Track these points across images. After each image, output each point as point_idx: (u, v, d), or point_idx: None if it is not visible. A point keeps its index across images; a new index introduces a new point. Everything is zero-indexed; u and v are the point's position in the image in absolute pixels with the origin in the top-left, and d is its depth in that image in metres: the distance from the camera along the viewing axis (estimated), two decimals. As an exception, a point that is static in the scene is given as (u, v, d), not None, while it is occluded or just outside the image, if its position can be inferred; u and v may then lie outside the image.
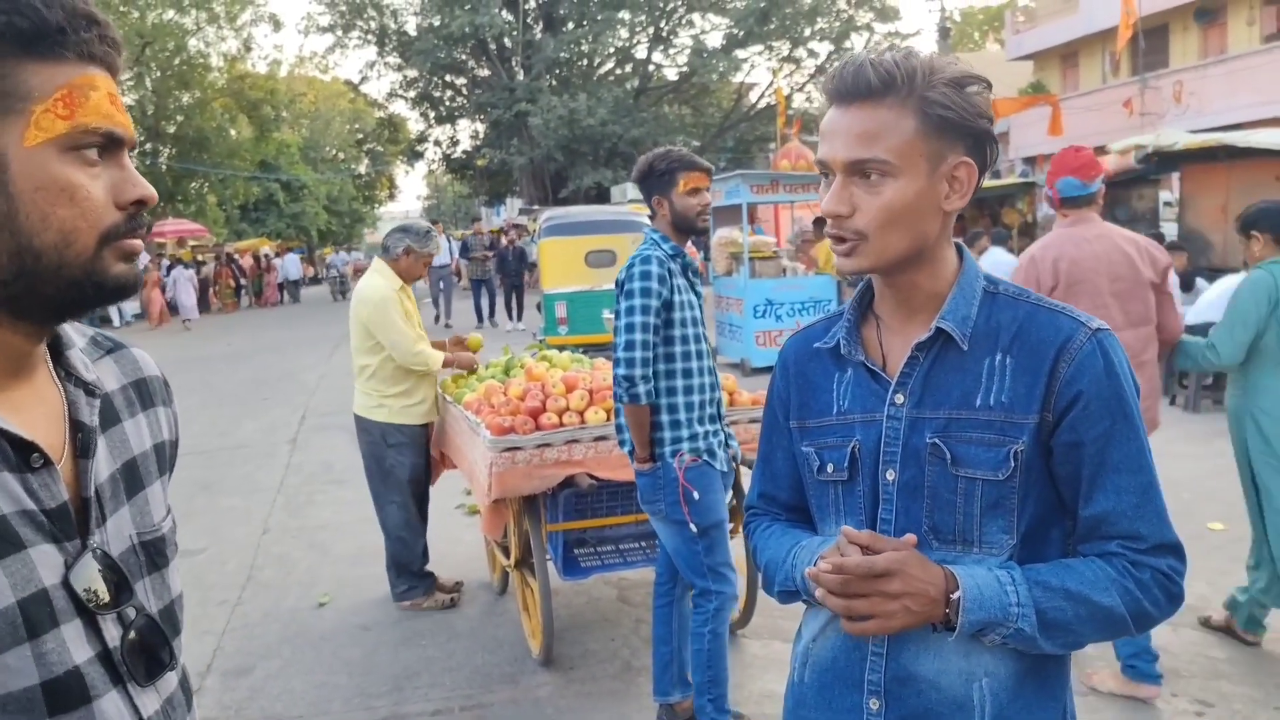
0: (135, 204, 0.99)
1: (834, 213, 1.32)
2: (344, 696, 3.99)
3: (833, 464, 1.42)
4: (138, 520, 1.06)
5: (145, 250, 13.00)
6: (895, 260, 1.33)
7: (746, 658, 4.18)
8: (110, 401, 1.09)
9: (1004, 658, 1.32)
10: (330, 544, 5.99)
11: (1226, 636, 4.10)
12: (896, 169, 1.28)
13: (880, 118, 1.28)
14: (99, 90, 0.96)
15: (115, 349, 1.15)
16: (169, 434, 1.19)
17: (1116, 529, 1.30)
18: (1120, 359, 1.31)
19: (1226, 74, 21.41)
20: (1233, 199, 13.07)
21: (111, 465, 1.05)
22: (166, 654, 1.05)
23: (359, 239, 57.04)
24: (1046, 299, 1.37)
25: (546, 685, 3.99)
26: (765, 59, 31.45)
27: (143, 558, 1.05)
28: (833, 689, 1.42)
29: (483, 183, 37.00)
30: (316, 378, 13.28)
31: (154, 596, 1.06)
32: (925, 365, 1.36)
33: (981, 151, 1.33)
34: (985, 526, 1.32)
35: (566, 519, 4.15)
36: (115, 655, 0.98)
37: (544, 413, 3.92)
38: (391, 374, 4.72)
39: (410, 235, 4.80)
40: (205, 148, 32.81)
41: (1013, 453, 1.30)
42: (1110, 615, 1.27)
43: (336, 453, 8.48)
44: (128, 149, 1.01)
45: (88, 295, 0.98)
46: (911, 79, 1.27)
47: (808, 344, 1.51)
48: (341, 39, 33.28)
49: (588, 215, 12.17)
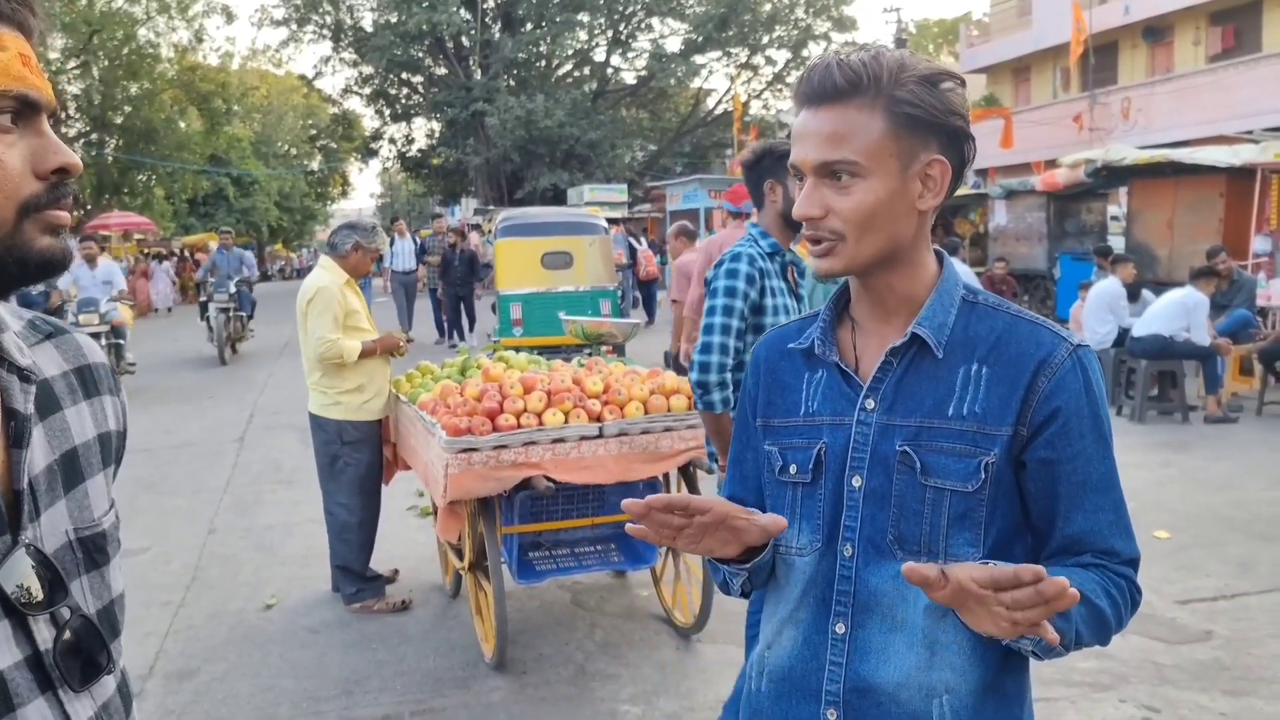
0: (57, 172, 0.93)
1: (806, 215, 1.31)
2: (291, 701, 3.91)
3: (795, 465, 1.39)
4: (75, 515, 0.99)
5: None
6: (871, 260, 1.31)
7: (702, 663, 4.16)
8: (50, 388, 1.01)
9: (965, 674, 1.29)
10: (278, 545, 5.87)
11: (1171, 643, 4.16)
12: (866, 169, 1.26)
13: (848, 118, 1.26)
14: (8, 51, 0.90)
15: (56, 333, 1.07)
16: (115, 424, 1.11)
17: (1093, 545, 1.30)
18: (1097, 377, 1.31)
19: (1173, 92, 21.92)
20: (1179, 214, 13.36)
21: (49, 455, 0.98)
22: (104, 657, 0.98)
23: (310, 236, 56.31)
24: (1025, 311, 1.36)
25: (499, 690, 3.94)
26: (723, 65, 31.66)
27: (80, 555, 0.98)
28: (789, 699, 1.39)
29: (438, 182, 36.70)
30: (265, 376, 13.06)
31: (92, 596, 0.99)
32: (899, 371, 1.34)
33: (957, 149, 1.31)
34: (951, 538, 1.29)
35: (522, 521, 4.11)
36: (47, 659, 0.91)
37: (501, 414, 3.87)
38: (344, 371, 4.65)
39: (358, 231, 4.80)
40: (154, 140, 32.12)
41: (984, 464, 1.28)
42: (1104, 619, 1.26)
43: (285, 452, 8.34)
44: (47, 114, 0.94)
45: (10, 272, 0.92)
46: (878, 79, 1.26)
47: (781, 343, 1.49)
48: (296, 33, 32.83)
49: (545, 216, 12.10)
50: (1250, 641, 4.18)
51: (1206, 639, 4.21)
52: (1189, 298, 8.76)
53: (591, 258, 11.10)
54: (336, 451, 4.72)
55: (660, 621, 4.56)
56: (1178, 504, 6.17)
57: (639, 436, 3.95)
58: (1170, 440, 7.95)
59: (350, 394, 4.70)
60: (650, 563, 4.45)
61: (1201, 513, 5.90)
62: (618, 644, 4.35)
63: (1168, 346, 8.70)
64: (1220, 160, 12.24)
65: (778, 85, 31.81)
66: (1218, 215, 12.82)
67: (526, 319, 10.64)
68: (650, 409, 4.01)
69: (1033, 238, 16.65)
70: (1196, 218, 13.05)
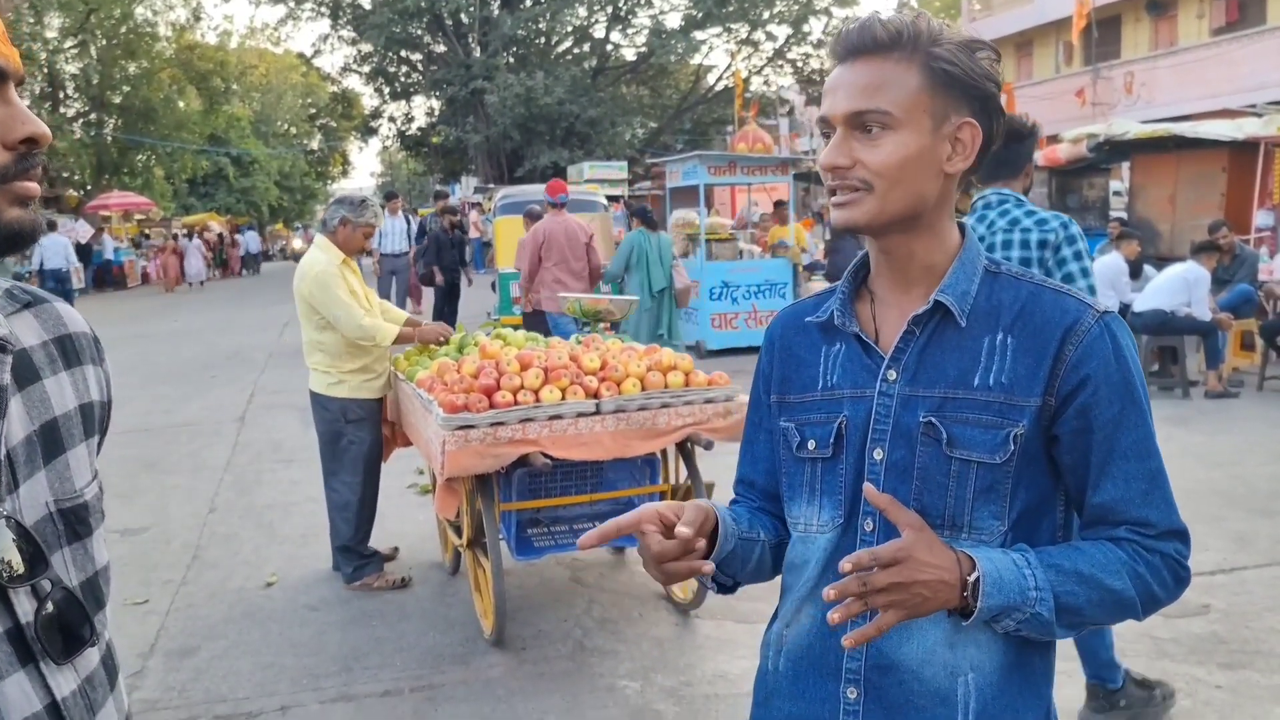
0: (25, 142, 0.92)
1: (833, 164, 1.28)
2: (291, 677, 3.93)
3: (815, 440, 1.37)
4: (56, 486, 0.99)
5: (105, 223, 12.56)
6: (893, 217, 1.29)
7: (699, 638, 4.18)
8: (28, 358, 1.00)
9: (990, 651, 1.28)
10: (279, 523, 5.89)
11: (1168, 617, 4.17)
12: (898, 121, 1.25)
13: (885, 70, 1.26)
14: None
15: (36, 302, 1.06)
16: (99, 394, 1.10)
17: (1126, 515, 1.27)
18: (1128, 343, 1.28)
19: (1176, 66, 21.78)
20: (1181, 188, 13.30)
21: (28, 426, 0.97)
22: (86, 630, 0.97)
23: (311, 215, 56.23)
24: (1050, 280, 1.34)
25: (498, 666, 3.95)
26: (723, 41, 31.39)
27: (61, 526, 0.98)
28: (808, 677, 1.37)
29: (438, 160, 36.56)
30: (265, 356, 13.07)
31: (75, 568, 0.99)
32: (921, 341, 1.32)
33: (988, 118, 1.30)
34: (976, 511, 1.27)
35: (520, 498, 4.11)
36: (28, 632, 0.91)
37: (498, 391, 3.86)
38: (346, 349, 4.65)
39: (345, 206, 4.77)
40: (152, 119, 32.04)
41: (1012, 436, 1.26)
42: (1120, 599, 1.25)
43: (285, 432, 8.35)
44: (13, 83, 0.92)
45: None
46: (918, 35, 1.26)
47: (797, 318, 1.46)
48: (294, 10, 32.61)
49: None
50: (1248, 615, 4.19)
51: (1204, 613, 4.22)
52: (1190, 272, 8.73)
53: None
54: (340, 430, 4.72)
55: (658, 598, 4.58)
56: (1177, 479, 6.07)
57: (636, 413, 3.94)
58: (1171, 415, 7.93)
59: (354, 373, 4.70)
60: (648, 539, 4.45)
61: (1201, 488, 5.90)
62: (616, 620, 4.37)
63: (1169, 321, 8.67)
64: (1223, 134, 12.18)
65: (778, 61, 31.61)
66: (1220, 190, 12.76)
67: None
68: (647, 385, 4.01)
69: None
70: (1199, 192, 12.99)
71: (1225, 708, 3.47)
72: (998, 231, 3.30)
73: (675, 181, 12.96)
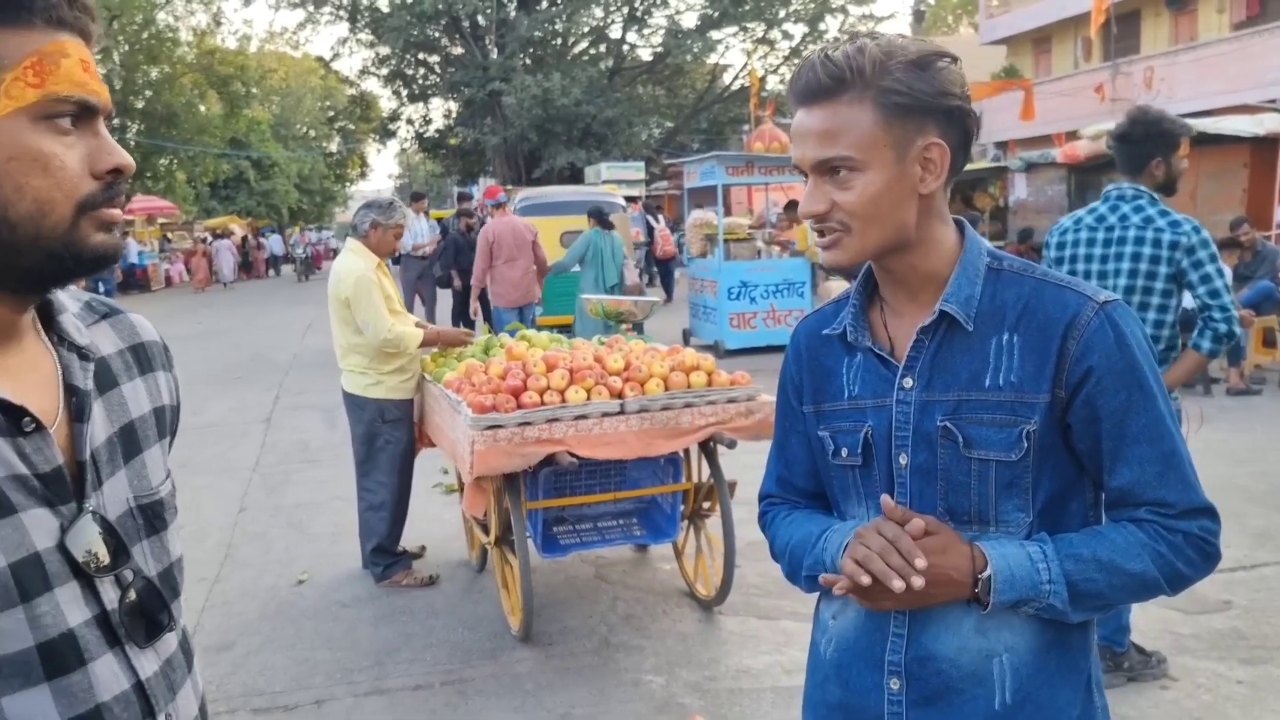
0: (112, 173, 0.98)
1: (811, 213, 1.34)
2: (325, 671, 4.02)
3: (846, 449, 1.42)
4: (135, 484, 1.06)
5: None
6: (878, 250, 1.34)
7: (723, 634, 4.24)
8: (107, 365, 1.08)
9: (1024, 632, 1.34)
10: (308, 522, 5.99)
11: (1189, 613, 4.21)
12: (861, 163, 1.28)
13: (839, 115, 1.28)
14: (70, 57, 0.94)
15: (112, 314, 1.14)
16: (169, 399, 1.19)
17: (1144, 497, 1.31)
18: (1131, 330, 1.30)
19: (1196, 61, 21.62)
20: (1201, 184, 13.24)
21: (109, 429, 1.05)
22: (165, 616, 1.05)
23: (330, 218, 56.52)
24: (1053, 273, 1.37)
25: (526, 661, 4.03)
26: (739, 40, 31.38)
27: (140, 521, 1.06)
28: (852, 667, 1.43)
29: (455, 162, 36.69)
30: (289, 358, 13.20)
31: (153, 559, 1.07)
32: (931, 348, 1.36)
33: (957, 127, 1.31)
34: (1001, 506, 1.32)
35: (546, 497, 4.19)
36: (113, 618, 0.98)
37: (525, 391, 3.94)
38: (382, 352, 4.73)
39: (374, 209, 4.87)
40: (174, 124, 32.37)
41: (1025, 433, 1.30)
42: (1143, 580, 1.29)
43: (312, 433, 8.46)
44: (103, 117, 0.99)
45: (67, 266, 0.97)
46: (862, 72, 1.26)
47: (817, 329, 1.51)
48: (313, 14, 32.77)
49: (563, 195, 12.18)
50: (1269, 611, 4.21)
51: (1225, 609, 4.25)
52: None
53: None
54: (377, 430, 4.80)
55: (682, 594, 4.64)
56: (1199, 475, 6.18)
57: (660, 413, 4.01)
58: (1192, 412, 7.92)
59: (392, 374, 4.78)
60: (672, 537, 4.52)
61: (1222, 484, 5.90)
62: (640, 616, 4.44)
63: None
64: (1244, 130, 12.11)
65: (794, 60, 31.51)
66: (1241, 185, 12.70)
67: (546, 298, 10.71)
68: (670, 385, 4.07)
69: (1053, 210, 16.50)
70: (1219, 188, 12.94)
71: (1246, 703, 3.50)
72: (1130, 226, 3.45)
73: (693, 182, 13.01)
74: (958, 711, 1.35)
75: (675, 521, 4.46)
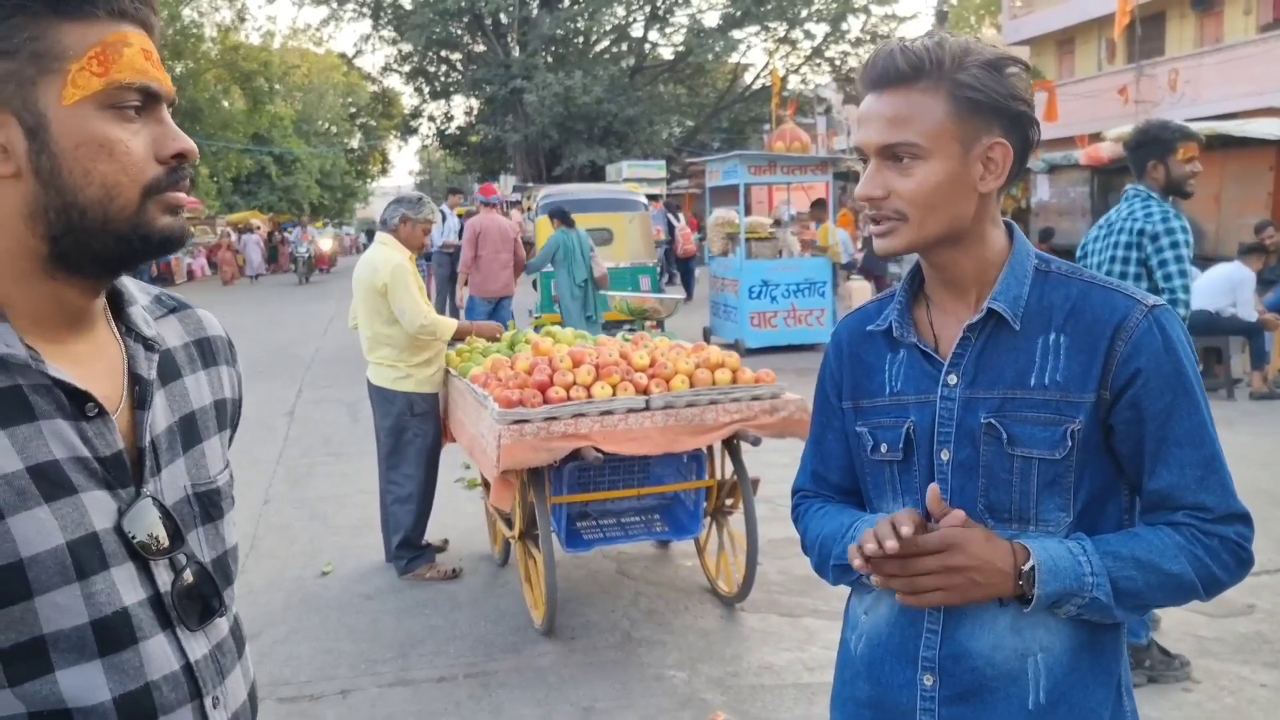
0: (176, 158, 1.01)
1: (868, 196, 1.34)
2: (350, 662, 4.06)
3: (886, 444, 1.44)
4: (193, 472, 1.10)
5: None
6: (931, 241, 1.35)
7: (744, 630, 4.26)
8: (171, 357, 1.12)
9: (1059, 632, 1.34)
10: (332, 515, 6.04)
11: (1213, 616, 4.20)
12: (927, 151, 1.30)
13: (911, 102, 1.30)
14: (132, 47, 0.98)
15: (180, 308, 1.19)
16: (231, 392, 1.22)
17: (1182, 501, 1.31)
18: (1178, 334, 1.32)
19: (1222, 63, 21.47)
20: (1226, 187, 13.14)
21: (169, 418, 1.08)
22: (217, 601, 1.08)
23: (351, 214, 56.77)
24: (1100, 276, 1.38)
25: (549, 654, 4.06)
26: (761, 40, 31.35)
27: (196, 508, 1.09)
28: (884, 663, 1.44)
29: (476, 159, 36.82)
30: (311, 352, 13.29)
31: (207, 546, 1.10)
32: (978, 346, 1.37)
33: (1020, 132, 1.33)
34: (1041, 504, 1.33)
35: (571, 492, 4.22)
36: (166, 600, 1.01)
37: (551, 386, 3.97)
38: (413, 343, 4.78)
39: (404, 205, 4.96)
40: (198, 119, 32.59)
41: (1069, 432, 1.31)
42: (1180, 582, 1.30)
43: (335, 426, 8.53)
44: (166, 104, 1.03)
45: (135, 249, 1.00)
46: (941, 63, 1.29)
47: (861, 326, 1.52)
48: (336, 11, 33.01)
49: (586, 193, 12.21)
50: (1292, 614, 4.20)
51: (1249, 613, 4.24)
52: (1236, 272, 8.66)
53: (631, 234, 11.20)
54: (406, 424, 4.84)
55: (704, 591, 4.67)
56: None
57: (684, 409, 4.03)
58: (1215, 416, 7.82)
59: (420, 367, 4.83)
60: (694, 533, 4.54)
61: (1246, 489, 5.77)
62: (662, 612, 4.46)
63: (1213, 321, 8.62)
64: (1270, 133, 12.01)
65: (816, 60, 31.52)
66: (1266, 189, 12.59)
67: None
68: (695, 382, 4.09)
69: (1075, 212, 16.42)
70: (1244, 191, 12.83)
71: (1270, 706, 3.49)
72: (1123, 218, 3.81)
73: (715, 181, 13.02)
74: (991, 709, 1.35)
75: (698, 518, 4.48)
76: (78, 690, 0.94)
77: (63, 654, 0.93)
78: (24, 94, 0.94)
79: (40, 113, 0.94)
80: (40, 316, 0.99)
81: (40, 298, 0.99)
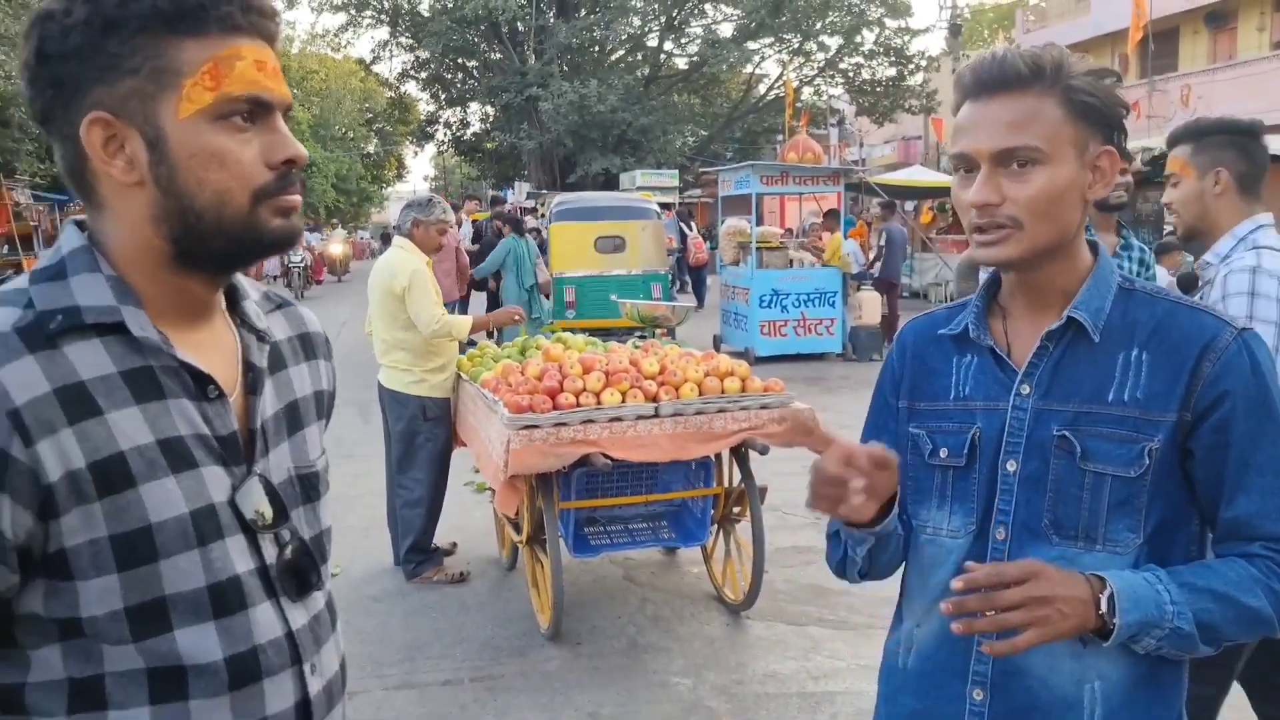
0: (285, 163, 1.08)
1: (983, 201, 1.29)
2: (357, 664, 4.08)
3: (948, 449, 1.40)
4: (296, 455, 1.19)
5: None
6: (1042, 250, 1.31)
7: (750, 638, 4.27)
8: (278, 349, 1.21)
9: (1116, 661, 1.29)
10: (341, 516, 6.06)
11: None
12: (1047, 156, 1.27)
13: (1027, 105, 1.27)
14: (244, 60, 1.04)
15: (284, 305, 1.28)
16: (328, 385, 1.31)
17: (1259, 531, 1.26)
18: (1265, 358, 1.28)
19: (1235, 79, 21.44)
20: (1239, 204, 13.08)
21: (276, 404, 1.18)
22: (315, 576, 1.17)
23: (366, 218, 57.02)
24: (1185, 297, 1.35)
25: (555, 659, 4.09)
26: (775, 51, 31.40)
27: (298, 489, 1.18)
28: (934, 676, 1.40)
29: (491, 166, 36.98)
30: (323, 355, 13.32)
31: (307, 525, 1.18)
32: (1055, 355, 1.34)
33: (1118, 143, 1.33)
34: (1111, 524, 1.29)
35: (579, 497, 4.25)
36: (271, 571, 1.10)
37: (561, 393, 4.00)
38: (428, 347, 4.81)
39: (415, 208, 5.02)
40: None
41: (1147, 450, 1.27)
42: (1258, 617, 1.24)
43: (346, 428, 8.55)
44: (279, 111, 1.09)
45: (249, 248, 1.09)
46: (1057, 67, 1.28)
47: (931, 329, 1.49)
48: (354, 18, 33.16)
49: (599, 201, 12.23)
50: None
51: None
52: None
53: (644, 242, 11.22)
54: (418, 428, 4.86)
55: (710, 598, 4.68)
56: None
57: (693, 417, 4.06)
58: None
59: (434, 371, 4.86)
60: (701, 540, 4.56)
61: None
62: (668, 619, 4.48)
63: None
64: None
65: (830, 72, 31.54)
66: (1277, 205, 12.58)
67: (579, 301, 10.79)
68: (704, 390, 4.12)
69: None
70: (1258, 208, 12.81)
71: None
72: None
73: (728, 190, 13.05)
74: None
75: (705, 525, 4.50)
76: (193, 649, 1.03)
77: (181, 614, 1.02)
78: (145, 109, 1.02)
79: (159, 126, 1.02)
80: (168, 307, 1.08)
81: (168, 291, 1.08)
